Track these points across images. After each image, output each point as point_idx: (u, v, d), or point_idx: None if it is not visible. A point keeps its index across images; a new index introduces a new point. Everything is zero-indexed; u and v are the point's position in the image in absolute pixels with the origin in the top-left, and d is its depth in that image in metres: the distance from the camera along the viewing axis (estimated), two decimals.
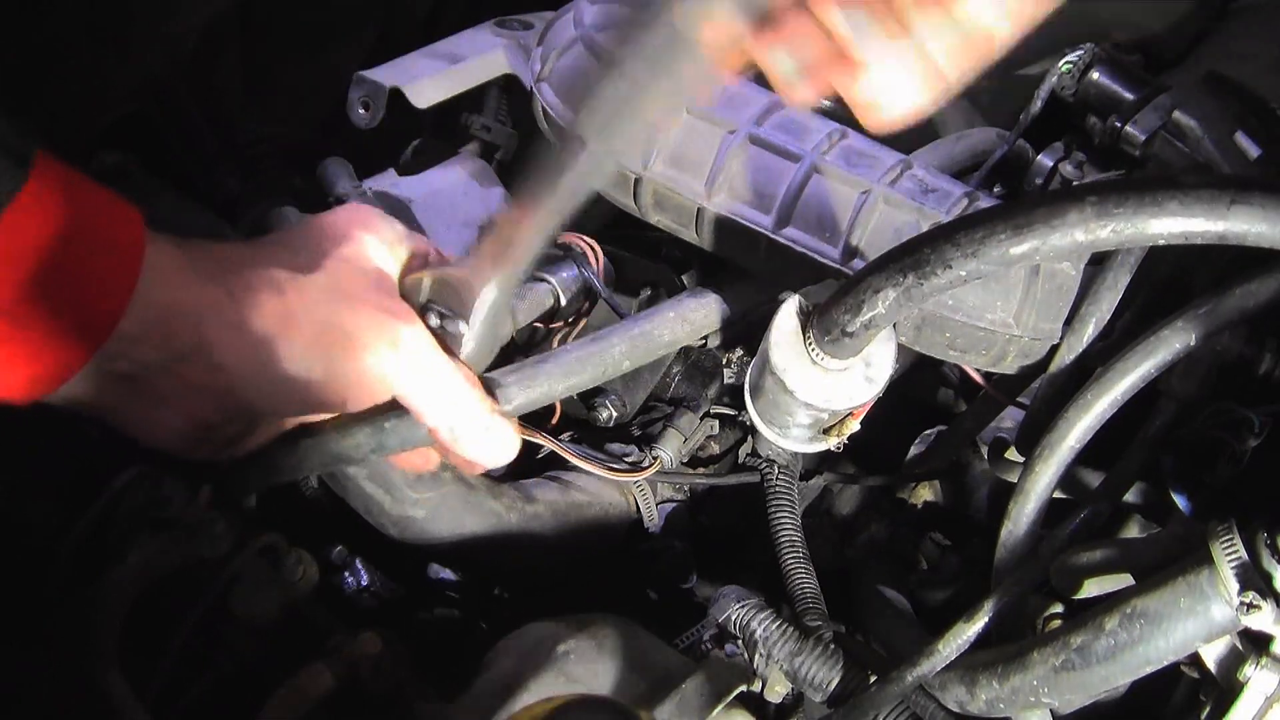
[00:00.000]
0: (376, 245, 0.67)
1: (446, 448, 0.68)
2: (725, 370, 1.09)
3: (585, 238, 1.11)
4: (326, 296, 0.62)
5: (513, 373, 0.75)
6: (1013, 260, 0.70)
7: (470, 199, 1.19)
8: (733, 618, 0.88)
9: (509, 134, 1.28)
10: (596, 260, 1.10)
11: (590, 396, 1.06)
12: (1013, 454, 0.97)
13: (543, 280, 0.99)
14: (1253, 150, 0.94)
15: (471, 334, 0.65)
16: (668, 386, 1.10)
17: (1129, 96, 1.00)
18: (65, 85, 1.09)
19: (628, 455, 1.02)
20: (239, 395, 0.63)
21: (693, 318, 0.93)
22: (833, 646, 0.86)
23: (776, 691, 0.87)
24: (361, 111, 1.11)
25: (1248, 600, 0.64)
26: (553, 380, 0.78)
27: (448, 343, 0.66)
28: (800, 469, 1.04)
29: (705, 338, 1.04)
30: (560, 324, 1.03)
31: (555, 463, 1.04)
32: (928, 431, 1.10)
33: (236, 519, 0.77)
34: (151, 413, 0.63)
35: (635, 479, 1.01)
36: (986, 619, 0.77)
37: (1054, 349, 0.87)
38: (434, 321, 0.66)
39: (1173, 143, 0.98)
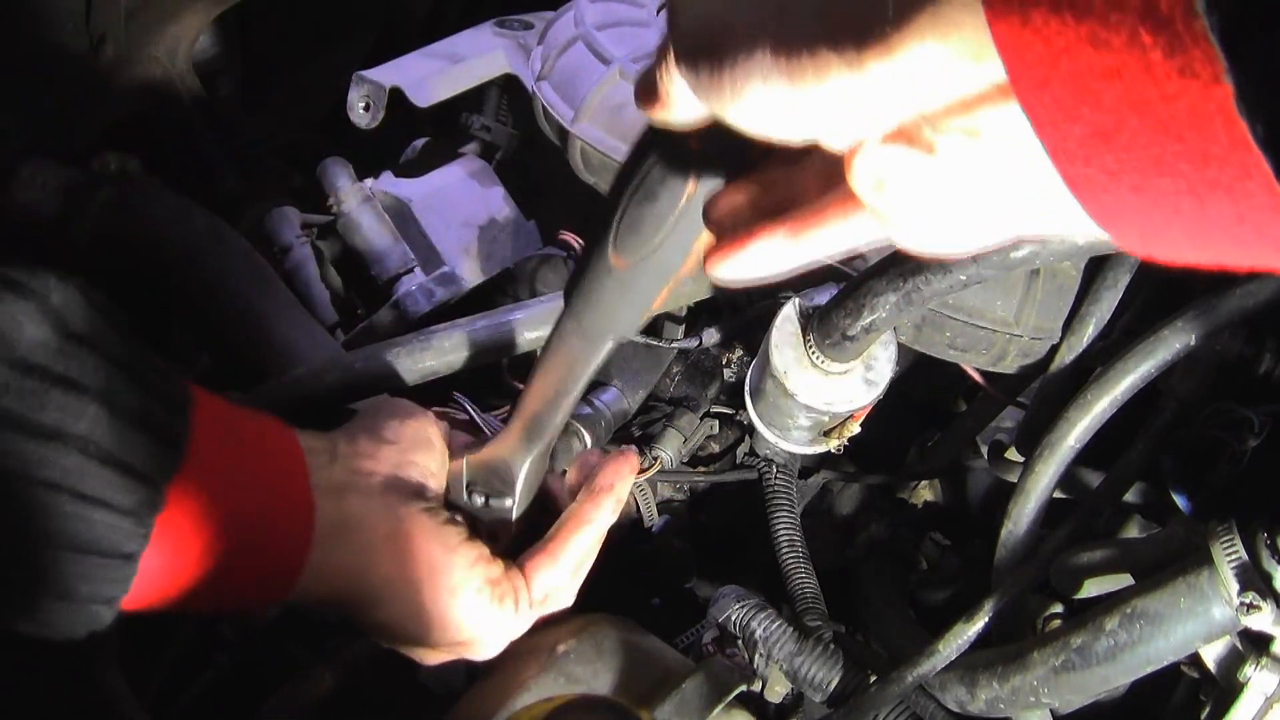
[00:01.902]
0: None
1: None
2: (725, 370, 1.10)
3: (575, 236, 1.12)
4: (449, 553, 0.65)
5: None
6: (1013, 264, 0.71)
7: (470, 199, 1.19)
8: (733, 618, 0.88)
9: (509, 134, 1.28)
10: None
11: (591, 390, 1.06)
12: (1013, 454, 0.97)
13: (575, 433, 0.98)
14: None
15: (517, 507, 0.70)
16: (668, 386, 1.10)
17: None
18: (65, 85, 1.09)
19: None
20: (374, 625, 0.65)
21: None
22: (833, 646, 0.86)
23: (776, 691, 0.87)
24: (361, 111, 1.11)
25: (1248, 600, 0.64)
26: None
27: (495, 521, 0.71)
28: (799, 467, 1.04)
29: (701, 338, 1.05)
30: None
31: None
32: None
33: None
34: None
35: (636, 480, 1.01)
36: (986, 619, 0.77)
37: (1054, 349, 0.87)
38: (478, 502, 0.70)
39: None
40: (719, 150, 0.46)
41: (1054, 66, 0.26)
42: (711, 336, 1.05)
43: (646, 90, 0.41)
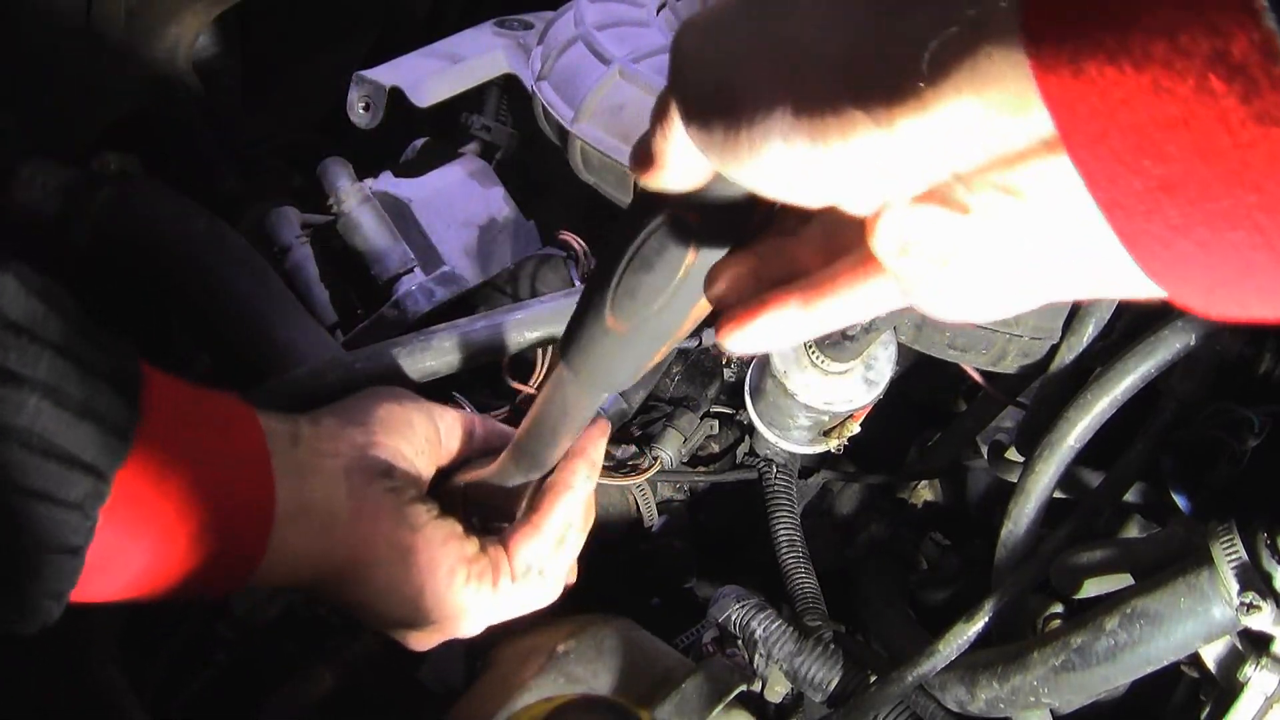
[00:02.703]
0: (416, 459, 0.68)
1: None
2: (725, 370, 1.10)
3: (575, 236, 1.12)
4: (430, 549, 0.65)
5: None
6: None
7: (470, 199, 1.19)
8: (733, 618, 0.88)
9: (509, 134, 1.28)
10: (586, 258, 1.11)
11: None
12: (1013, 454, 0.97)
13: None
14: None
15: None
16: (668, 386, 1.10)
17: None
18: (65, 85, 1.09)
19: (628, 456, 1.02)
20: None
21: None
22: (833, 646, 0.86)
23: (776, 691, 0.87)
24: (361, 111, 1.11)
25: (1248, 600, 0.64)
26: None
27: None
28: (799, 467, 1.04)
29: (701, 338, 1.05)
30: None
31: None
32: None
33: None
34: None
35: (636, 481, 1.01)
36: (986, 619, 0.77)
37: (1054, 349, 0.87)
38: (476, 523, 0.70)
39: None
40: (718, 219, 0.45)
41: (1112, 118, 0.24)
42: (711, 336, 1.05)
43: (643, 155, 0.40)
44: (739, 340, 0.42)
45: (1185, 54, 0.23)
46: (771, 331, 0.41)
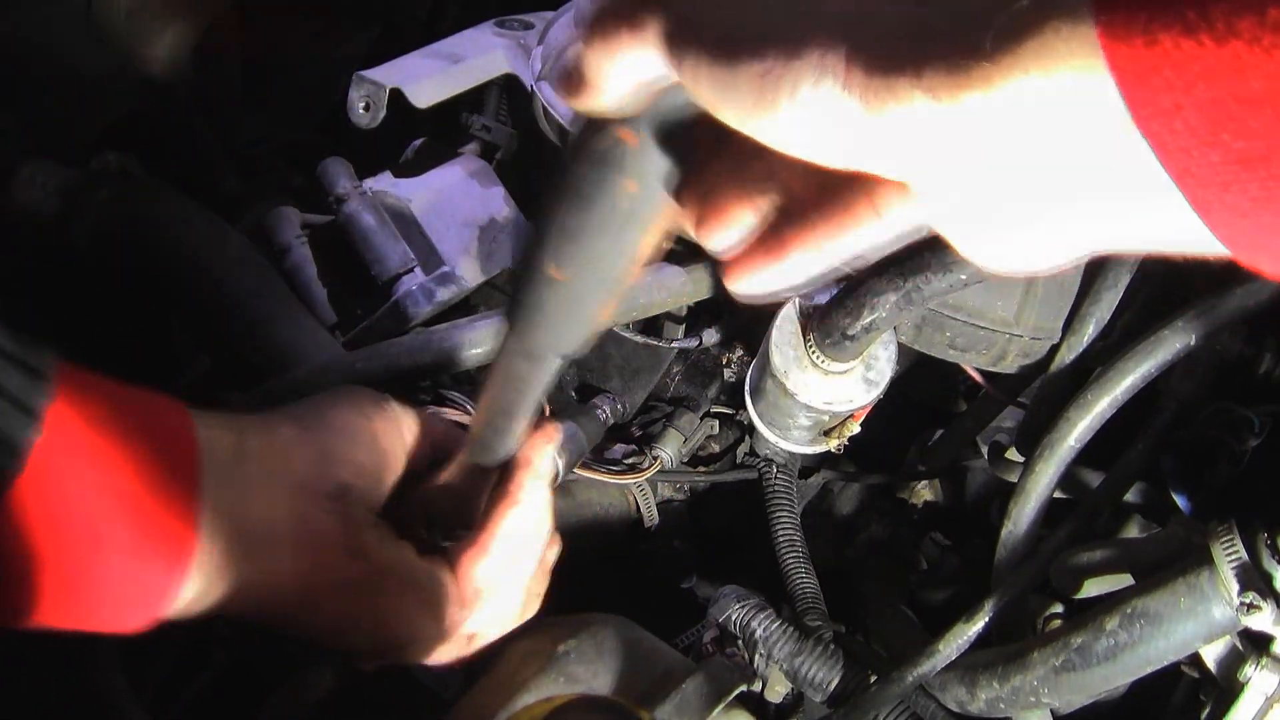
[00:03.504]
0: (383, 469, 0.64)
1: None
2: (725, 370, 1.10)
3: None
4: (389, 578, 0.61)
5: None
6: None
7: (470, 199, 1.19)
8: (733, 618, 0.88)
9: (509, 134, 1.28)
10: None
11: (588, 397, 1.06)
12: (1013, 454, 0.97)
13: None
14: None
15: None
16: (668, 386, 1.10)
17: None
18: (65, 85, 1.09)
19: (628, 455, 1.02)
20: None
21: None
22: (833, 646, 0.86)
23: (776, 691, 0.87)
24: (361, 111, 1.11)
25: (1248, 600, 0.64)
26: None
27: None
28: (799, 467, 1.04)
29: (701, 338, 1.05)
30: None
31: None
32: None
33: None
34: None
35: (636, 480, 1.01)
36: (986, 619, 0.77)
37: (1054, 349, 0.87)
38: (437, 537, 0.67)
39: None
40: (660, 142, 0.41)
41: (1188, 92, 0.24)
42: (711, 336, 1.05)
43: (574, 76, 0.37)
44: (751, 284, 0.40)
45: (1274, 29, 0.22)
46: (787, 274, 0.39)
